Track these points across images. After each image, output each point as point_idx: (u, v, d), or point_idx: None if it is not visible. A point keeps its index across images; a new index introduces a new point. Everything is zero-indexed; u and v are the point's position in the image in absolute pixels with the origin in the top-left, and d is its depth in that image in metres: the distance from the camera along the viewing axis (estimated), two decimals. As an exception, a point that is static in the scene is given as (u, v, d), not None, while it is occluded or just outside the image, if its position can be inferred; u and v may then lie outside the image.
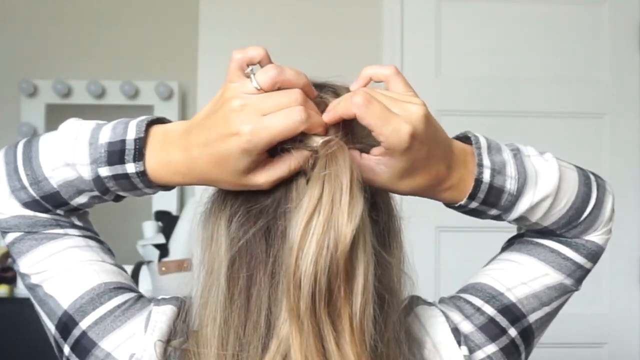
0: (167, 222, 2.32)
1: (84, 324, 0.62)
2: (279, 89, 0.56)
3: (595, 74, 1.97)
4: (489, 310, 0.67)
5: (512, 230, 0.75)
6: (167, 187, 0.62)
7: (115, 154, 0.59)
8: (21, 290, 2.33)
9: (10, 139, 0.62)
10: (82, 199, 0.63)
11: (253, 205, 0.59)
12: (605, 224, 0.69)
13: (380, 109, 0.55)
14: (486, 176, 0.62)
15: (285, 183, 0.58)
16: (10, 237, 0.65)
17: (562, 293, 0.70)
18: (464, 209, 0.65)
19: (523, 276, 0.69)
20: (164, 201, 2.42)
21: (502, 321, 0.67)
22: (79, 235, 0.66)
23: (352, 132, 0.60)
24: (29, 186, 0.62)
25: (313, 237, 0.52)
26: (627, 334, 1.95)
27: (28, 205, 0.63)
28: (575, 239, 0.69)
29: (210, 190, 0.65)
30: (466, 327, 0.66)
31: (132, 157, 0.59)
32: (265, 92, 0.55)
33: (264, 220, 0.59)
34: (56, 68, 2.50)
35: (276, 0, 1.93)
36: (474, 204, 0.63)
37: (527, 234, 0.73)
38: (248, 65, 0.57)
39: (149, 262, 2.09)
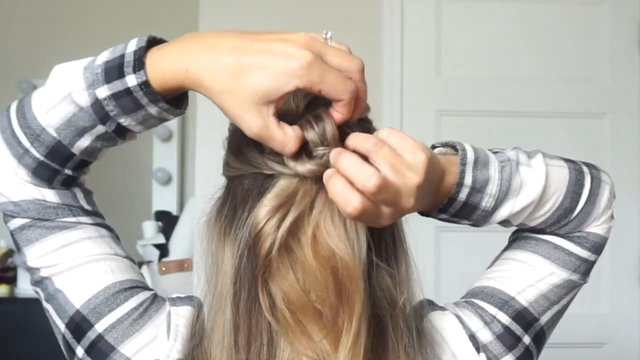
0: (167, 222, 2.32)
1: (100, 327, 0.60)
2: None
3: (595, 74, 1.97)
4: (504, 318, 0.67)
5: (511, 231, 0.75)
6: (176, 108, 0.57)
7: (114, 69, 0.54)
8: (21, 290, 2.33)
9: (10, 139, 0.61)
10: (84, 142, 0.58)
11: (246, 228, 0.58)
12: (600, 215, 0.68)
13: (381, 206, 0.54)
14: (462, 195, 0.61)
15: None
16: (18, 222, 0.61)
17: (570, 289, 0.70)
18: (433, 217, 0.65)
19: (530, 277, 0.69)
20: (164, 201, 2.42)
21: (517, 329, 0.67)
22: (91, 224, 0.62)
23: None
24: (30, 146, 0.57)
25: (309, 256, 0.57)
26: (627, 334, 1.94)
27: (36, 172, 0.59)
28: (576, 232, 0.69)
29: (217, 193, 0.64)
30: (485, 335, 0.66)
31: (131, 68, 0.53)
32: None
33: (254, 242, 0.58)
34: (56, 68, 2.50)
35: (276, 1, 1.93)
36: (443, 216, 0.64)
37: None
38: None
39: (149, 262, 2.09)
